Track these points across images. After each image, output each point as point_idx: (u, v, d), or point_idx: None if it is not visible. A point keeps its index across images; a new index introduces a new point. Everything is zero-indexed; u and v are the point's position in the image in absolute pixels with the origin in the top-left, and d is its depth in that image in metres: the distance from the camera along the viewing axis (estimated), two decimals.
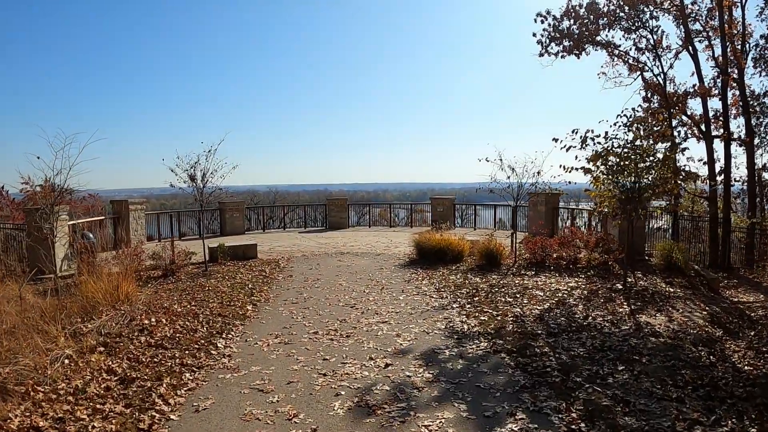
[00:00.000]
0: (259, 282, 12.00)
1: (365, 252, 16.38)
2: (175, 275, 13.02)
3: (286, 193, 64.64)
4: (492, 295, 10.53)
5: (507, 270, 13.15)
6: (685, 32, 20.09)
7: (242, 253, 15.32)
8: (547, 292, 10.84)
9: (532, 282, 11.80)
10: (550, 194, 20.40)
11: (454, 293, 10.70)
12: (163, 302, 10.25)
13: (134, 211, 19.57)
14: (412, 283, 11.72)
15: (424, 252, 14.39)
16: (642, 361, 7.03)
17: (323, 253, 16.19)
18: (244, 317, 9.06)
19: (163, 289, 11.64)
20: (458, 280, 12.03)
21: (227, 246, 15.12)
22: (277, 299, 10.42)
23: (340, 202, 24.10)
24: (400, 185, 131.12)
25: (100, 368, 6.94)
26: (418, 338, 7.82)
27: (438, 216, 22.84)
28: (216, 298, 10.45)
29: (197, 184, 13.06)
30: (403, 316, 9.02)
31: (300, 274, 12.97)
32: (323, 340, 7.77)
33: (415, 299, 10.28)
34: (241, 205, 22.93)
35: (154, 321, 8.93)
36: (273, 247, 17.89)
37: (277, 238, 20.68)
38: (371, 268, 13.58)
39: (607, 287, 11.34)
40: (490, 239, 14.67)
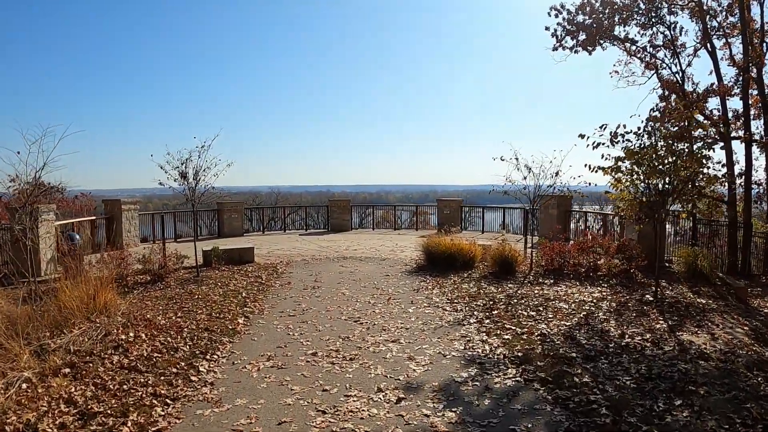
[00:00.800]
0: (253, 290, 10.80)
1: (369, 257, 15.18)
2: (164, 281, 11.84)
3: (289, 194, 63.57)
4: (511, 307, 9.32)
5: (523, 278, 11.95)
6: (703, 29, 18.92)
7: (238, 257, 14.13)
8: (572, 304, 9.64)
9: (552, 292, 10.61)
10: (562, 196, 19.23)
11: (469, 305, 9.49)
12: (147, 313, 9.07)
13: (127, 211, 18.41)
14: (421, 293, 10.52)
15: (434, 257, 13.18)
16: (700, 393, 5.83)
17: (324, 258, 15.00)
18: (234, 333, 7.85)
19: (149, 296, 10.48)
20: (472, 289, 10.82)
21: (222, 249, 13.93)
22: (273, 311, 9.21)
23: (342, 203, 22.90)
24: (403, 187, 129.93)
25: (60, 396, 5.76)
26: (433, 363, 6.60)
27: (444, 219, 21.66)
28: (205, 309, 9.26)
29: (189, 182, 11.87)
30: (415, 333, 7.80)
31: (299, 281, 11.77)
32: (323, 363, 6.55)
33: (427, 312, 9.07)
34: (239, 205, 21.75)
35: (132, 336, 7.76)
36: (272, 250, 16.70)
37: (276, 240, 19.50)
38: (376, 275, 12.38)
39: (636, 298, 10.17)
40: (502, 244, 13.49)
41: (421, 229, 23.31)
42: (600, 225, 20.71)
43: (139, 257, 12.43)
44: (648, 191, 10.88)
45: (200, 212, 21.72)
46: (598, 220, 20.52)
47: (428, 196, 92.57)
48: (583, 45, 18.96)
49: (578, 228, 19.48)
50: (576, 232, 19.58)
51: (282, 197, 55.79)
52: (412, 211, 25.49)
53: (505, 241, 14.20)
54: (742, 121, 17.00)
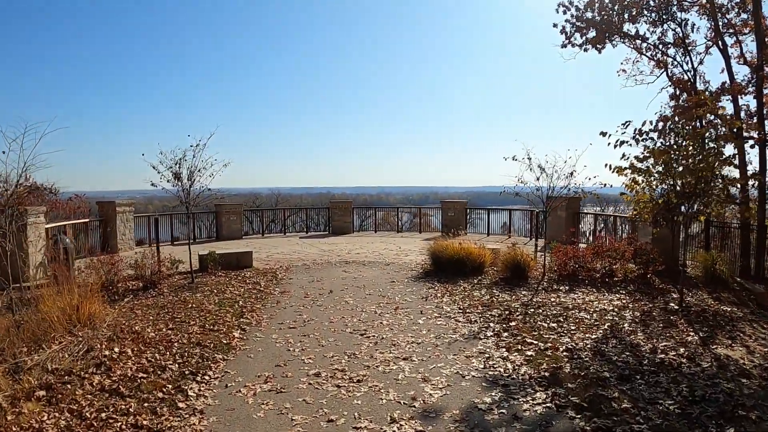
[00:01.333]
0: (251, 298, 10.03)
1: (373, 261, 14.41)
2: (157, 287, 11.08)
3: (289, 196, 62.78)
4: (530, 318, 8.56)
5: (536, 284, 11.20)
6: (715, 26, 18.23)
7: (236, 262, 13.36)
8: (593, 313, 8.89)
9: (570, 300, 9.87)
10: (572, 198, 18.50)
11: (483, 315, 8.73)
12: (135, 324, 8.31)
13: (122, 214, 17.66)
14: (431, 302, 9.75)
15: (441, 262, 12.41)
16: (751, 418, 5.10)
17: (326, 262, 14.22)
18: (229, 348, 7.06)
19: (140, 304, 9.72)
20: (484, 297, 10.06)
21: (219, 254, 13.15)
22: (272, 322, 8.44)
23: (344, 205, 22.12)
24: (404, 188, 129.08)
25: (30, 426, 5.01)
26: (452, 385, 5.83)
27: (449, 221, 20.89)
28: (198, 320, 8.50)
29: (183, 183, 11.10)
30: (428, 349, 7.02)
31: (299, 287, 11.00)
32: (327, 386, 5.77)
33: (439, 323, 8.29)
34: (238, 207, 20.98)
35: (117, 352, 7.00)
36: (271, 254, 15.93)
37: (276, 243, 18.72)
38: (381, 281, 11.61)
39: (660, 307, 9.44)
40: (513, 248, 12.74)
41: (426, 231, 22.57)
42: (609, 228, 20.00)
43: (132, 262, 11.65)
44: (670, 192, 10.21)
45: (198, 214, 20.95)
46: (609, 222, 19.80)
47: (428, 198, 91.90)
48: (592, 42, 18.25)
49: (591, 231, 18.72)
50: (587, 235, 18.85)
51: (282, 199, 54.99)
52: (414, 212, 24.76)
53: (516, 244, 13.46)
54: (755, 121, 16.32)
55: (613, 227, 18.09)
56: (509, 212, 21.36)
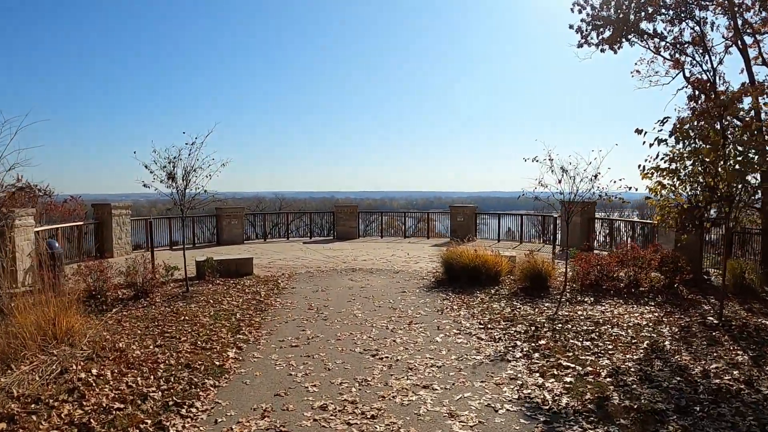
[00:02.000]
0: (250, 310, 9.08)
1: (381, 268, 13.45)
2: (149, 296, 10.16)
3: (293, 200, 61.85)
4: (559, 335, 7.59)
5: (558, 295, 10.25)
6: (734, 25, 17.31)
7: (235, 269, 12.41)
8: (627, 329, 7.93)
9: (598, 313, 8.92)
10: (586, 203, 17.59)
11: (507, 332, 7.76)
12: (121, 339, 7.39)
13: (118, 216, 16.75)
14: (447, 315, 8.79)
15: (455, 271, 11.44)
16: None
17: (331, 269, 13.27)
18: (221, 372, 6.10)
19: (128, 316, 8.80)
20: (505, 310, 9.10)
21: (217, 260, 12.22)
22: (272, 339, 7.47)
23: (349, 209, 21.18)
24: (407, 193, 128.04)
25: None
26: (484, 422, 4.85)
27: (458, 226, 19.94)
28: (190, 335, 7.56)
29: (177, 184, 10.17)
30: (450, 374, 6.05)
31: (303, 298, 10.05)
32: (336, 424, 4.78)
33: (459, 342, 7.32)
34: (239, 211, 20.06)
35: (94, 375, 6.07)
36: (273, 260, 14.99)
37: (279, 249, 17.78)
38: (391, 291, 10.65)
39: (697, 321, 8.51)
40: (530, 255, 11.80)
41: (434, 237, 21.61)
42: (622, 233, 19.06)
43: (123, 268, 10.70)
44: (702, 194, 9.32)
45: (198, 218, 20.05)
46: (623, 227, 18.85)
47: (432, 203, 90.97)
48: (608, 42, 17.32)
49: (606, 237, 17.75)
50: (602, 241, 17.90)
51: (286, 203, 54.09)
52: (418, 217, 23.78)
53: (532, 252, 12.52)
54: None
55: (630, 233, 17.15)
56: (520, 217, 20.40)
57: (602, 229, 18.63)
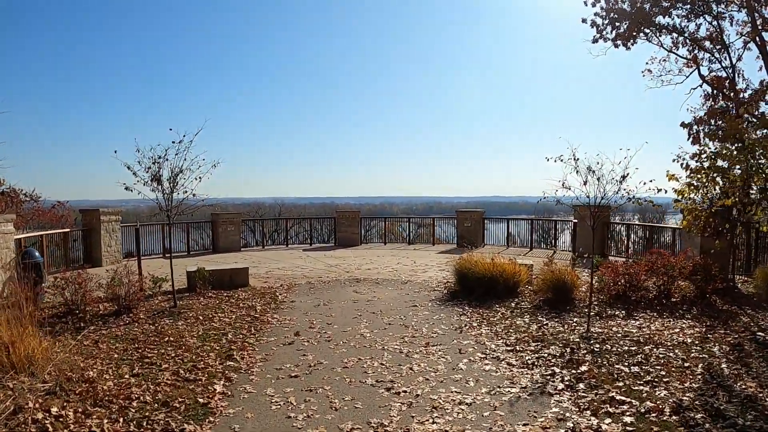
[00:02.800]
0: (243, 329, 7.95)
1: (387, 278, 12.32)
2: (132, 312, 9.04)
3: (293, 206, 60.75)
4: (600, 358, 6.48)
5: (585, 308, 9.16)
6: (752, 21, 16.33)
7: (229, 280, 11.29)
8: (674, 349, 6.83)
9: (634, 329, 7.85)
10: (601, 207, 16.52)
11: (539, 355, 6.64)
12: (93, 367, 6.28)
13: (107, 223, 15.64)
14: (467, 334, 7.67)
15: (469, 281, 10.32)
16: None
17: (333, 280, 12.14)
18: (205, 413, 4.94)
19: (107, 335, 7.70)
20: (531, 327, 7.99)
21: (209, 270, 11.09)
22: (267, 366, 6.34)
23: (351, 215, 20.04)
24: (407, 198, 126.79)
25: None
26: None
27: (465, 232, 18.83)
28: (173, 361, 6.44)
29: (163, 187, 9.06)
30: (484, 414, 4.91)
31: (303, 314, 8.92)
32: None
33: (487, 369, 6.19)
34: (236, 217, 18.93)
35: (54, 415, 4.97)
36: (271, 269, 13.86)
37: (277, 257, 16.64)
38: (401, 305, 9.54)
39: (747, 337, 7.45)
40: (550, 264, 10.72)
41: (440, 243, 20.47)
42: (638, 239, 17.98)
43: (103, 281, 9.57)
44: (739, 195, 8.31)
45: (193, 224, 18.92)
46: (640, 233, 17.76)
47: (432, 208, 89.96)
48: (624, 37, 16.31)
49: (624, 243, 16.66)
50: (620, 248, 16.80)
51: (286, 209, 53.05)
52: (419, 222, 22.57)
53: (552, 260, 11.42)
54: None
55: (647, 238, 16.05)
56: (530, 222, 19.28)
57: (617, 234, 17.54)
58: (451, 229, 24.09)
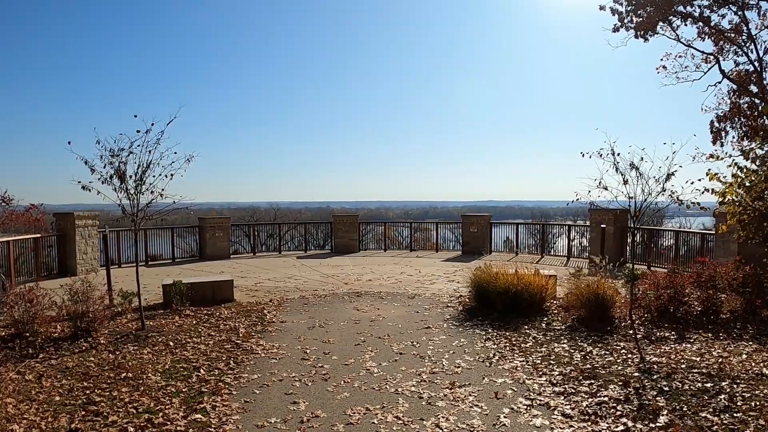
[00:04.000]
0: (220, 361, 6.35)
1: (391, 291, 10.73)
2: (93, 335, 7.46)
3: (288, 210, 58.94)
4: (677, 402, 4.92)
5: (627, 326, 7.66)
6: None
7: (211, 294, 9.71)
8: (759, 385, 5.32)
9: (696, 356, 6.38)
10: (620, 210, 15.06)
11: (598, 400, 5.07)
12: (22, 416, 4.70)
13: (83, 228, 14.05)
14: (500, 368, 6.09)
15: (488, 296, 8.76)
16: None
17: (330, 293, 10.54)
18: None
19: (56, 367, 6.17)
20: (575, 356, 6.44)
21: (189, 283, 9.48)
22: (245, 421, 4.70)
23: (349, 219, 18.42)
24: (403, 203, 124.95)
25: None
26: None
27: (471, 238, 17.27)
28: (126, 410, 4.87)
29: (127, 186, 7.46)
30: None
31: (295, 339, 7.33)
32: None
33: (539, 426, 4.58)
34: (225, 222, 17.32)
35: None
36: (260, 280, 12.27)
37: (269, 265, 15.04)
38: (411, 327, 7.95)
39: None
40: (578, 274, 9.23)
41: (444, 250, 18.86)
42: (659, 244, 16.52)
43: (61, 297, 7.96)
44: None
45: (177, 230, 17.32)
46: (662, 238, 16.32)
47: (428, 213, 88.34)
48: (645, 26, 14.86)
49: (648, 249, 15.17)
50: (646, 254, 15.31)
51: (281, 213, 51.32)
52: (415, 228, 20.86)
53: (580, 270, 9.91)
54: None
55: (673, 244, 14.56)
56: (540, 227, 17.76)
57: (637, 240, 16.06)
58: (449, 233, 22.59)
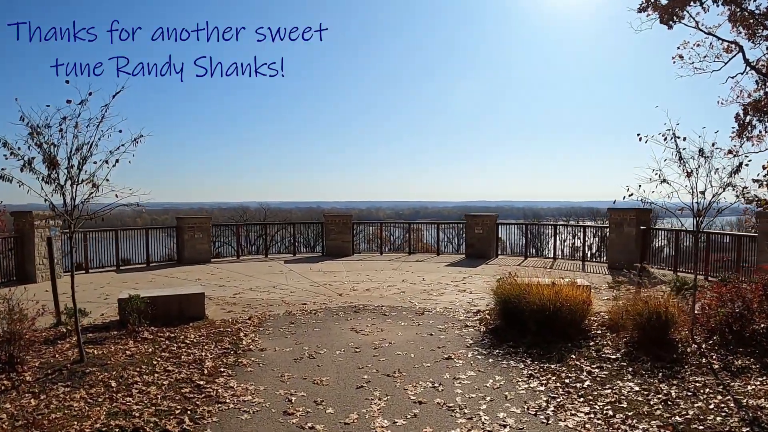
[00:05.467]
0: (173, 416, 4.50)
1: (395, 305, 8.90)
2: (17, 368, 5.62)
3: (278, 210, 56.94)
4: None
5: (694, 353, 5.94)
6: None
7: (178, 310, 7.86)
8: None
9: None
10: (642, 210, 13.40)
11: None
12: None
13: (43, 229, 12.15)
14: (561, 428, 4.32)
15: (518, 313, 6.98)
16: None
17: (322, 308, 8.70)
18: None
19: None
20: (653, 403, 4.69)
21: (151, 297, 7.62)
22: None
23: (341, 219, 16.56)
24: (394, 203, 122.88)
25: None
26: None
27: (476, 240, 15.52)
28: None
29: (58, 176, 5.61)
30: None
31: (277, 378, 5.48)
32: None
33: None
34: (205, 222, 15.43)
35: None
36: (241, 290, 10.42)
37: (253, 270, 13.19)
38: (427, 356, 6.14)
39: None
40: (615, 283, 7.51)
41: (446, 253, 17.03)
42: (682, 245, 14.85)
43: None
44: None
45: (153, 231, 15.43)
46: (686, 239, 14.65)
47: (419, 213, 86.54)
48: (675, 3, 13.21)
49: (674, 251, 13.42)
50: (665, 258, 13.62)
51: (271, 213, 49.40)
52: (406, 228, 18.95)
53: (622, 283, 8.20)
54: None
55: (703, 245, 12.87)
56: (552, 228, 16.05)
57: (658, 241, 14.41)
58: (442, 234, 20.74)
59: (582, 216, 70.61)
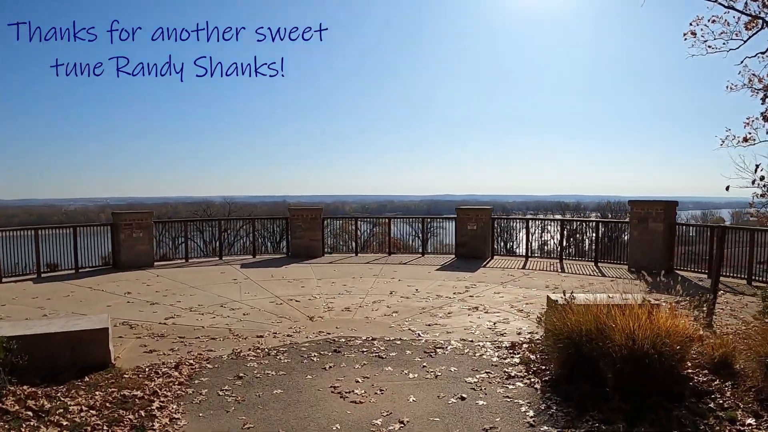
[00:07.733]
0: None
1: (390, 336, 6.20)
2: None
3: (244, 205, 53.61)
4: None
5: None
6: None
7: (68, 357, 5.04)
8: None
9: None
10: (668, 203, 11.16)
11: None
12: None
13: None
14: None
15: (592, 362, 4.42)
16: None
17: (287, 345, 5.89)
18: None
19: None
20: None
21: (20, 337, 4.78)
22: None
23: (310, 214, 13.75)
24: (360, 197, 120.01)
25: None
26: None
27: (468, 238, 12.98)
28: None
29: None
30: None
31: None
32: None
33: None
34: (145, 218, 12.46)
35: None
36: (176, 312, 7.59)
37: (200, 279, 10.33)
38: None
39: None
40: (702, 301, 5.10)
41: (432, 253, 14.25)
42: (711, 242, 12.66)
43: None
44: None
45: (82, 229, 12.37)
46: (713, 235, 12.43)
47: (386, 207, 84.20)
48: None
49: None
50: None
51: (236, 207, 46.15)
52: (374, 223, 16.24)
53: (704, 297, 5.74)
54: None
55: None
56: (560, 224, 13.63)
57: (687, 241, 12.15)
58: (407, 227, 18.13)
59: (550, 210, 69.36)
